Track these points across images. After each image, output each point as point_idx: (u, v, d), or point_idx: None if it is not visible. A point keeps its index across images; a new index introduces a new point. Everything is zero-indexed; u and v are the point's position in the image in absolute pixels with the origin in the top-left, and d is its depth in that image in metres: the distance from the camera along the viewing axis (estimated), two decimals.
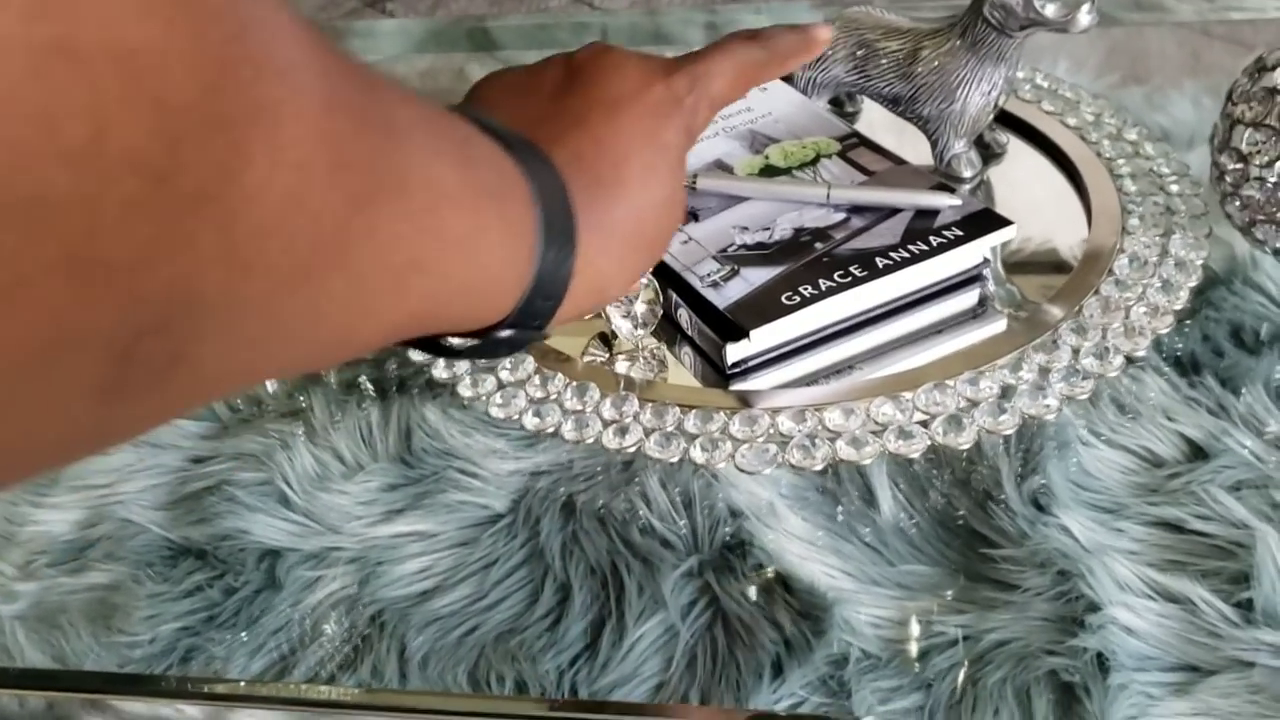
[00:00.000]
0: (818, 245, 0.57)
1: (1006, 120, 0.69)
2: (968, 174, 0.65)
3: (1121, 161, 0.65)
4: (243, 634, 0.51)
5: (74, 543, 0.56)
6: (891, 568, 0.50)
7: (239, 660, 0.50)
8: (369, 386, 0.61)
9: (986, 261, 0.59)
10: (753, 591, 0.50)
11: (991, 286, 0.59)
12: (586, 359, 0.56)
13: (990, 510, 0.51)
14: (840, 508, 0.52)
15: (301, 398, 0.61)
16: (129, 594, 0.53)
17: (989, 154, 0.68)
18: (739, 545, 0.51)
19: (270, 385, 0.62)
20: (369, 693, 0.48)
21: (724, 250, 0.58)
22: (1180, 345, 0.58)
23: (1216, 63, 0.86)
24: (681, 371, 0.56)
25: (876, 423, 0.50)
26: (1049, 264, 0.61)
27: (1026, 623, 0.47)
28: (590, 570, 0.51)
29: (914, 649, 0.47)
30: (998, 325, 0.57)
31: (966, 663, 0.46)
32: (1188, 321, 0.58)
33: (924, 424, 0.50)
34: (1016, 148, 0.69)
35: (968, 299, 0.58)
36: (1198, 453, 0.53)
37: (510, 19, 1.03)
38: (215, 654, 0.50)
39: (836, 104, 0.72)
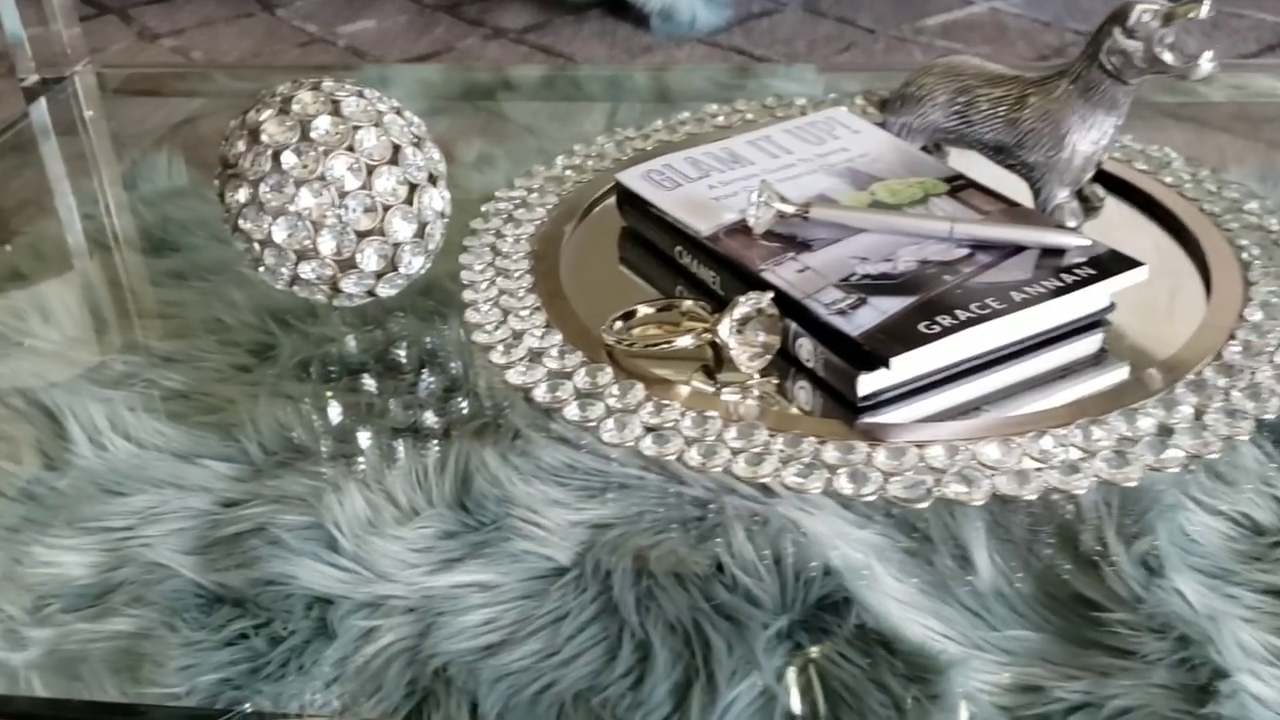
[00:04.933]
0: (947, 278, 0.55)
1: (1097, 176, 0.68)
2: (1072, 224, 0.64)
3: (1229, 217, 0.64)
4: (292, 686, 0.46)
5: (91, 587, 0.51)
6: (994, 632, 0.47)
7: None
8: (424, 427, 0.58)
9: (1113, 305, 0.57)
10: (853, 653, 0.46)
11: (1114, 332, 0.57)
12: (691, 389, 0.53)
13: (1099, 573, 0.48)
14: (939, 566, 0.49)
15: (348, 441, 0.57)
16: (160, 643, 0.48)
17: (1087, 207, 0.67)
18: (832, 604, 0.48)
19: (315, 424, 0.58)
20: None
21: (846, 279, 0.55)
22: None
23: None
24: (788, 406, 0.53)
25: (1033, 458, 0.48)
26: (1165, 317, 0.58)
27: (1149, 690, 0.44)
28: (670, 628, 0.48)
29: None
30: (1120, 373, 0.55)
31: None
32: None
33: (1076, 466, 0.48)
34: (1111, 204, 0.68)
35: (1089, 344, 0.56)
36: None
37: None
38: (262, 707, 0.45)
39: (924, 152, 0.71)
